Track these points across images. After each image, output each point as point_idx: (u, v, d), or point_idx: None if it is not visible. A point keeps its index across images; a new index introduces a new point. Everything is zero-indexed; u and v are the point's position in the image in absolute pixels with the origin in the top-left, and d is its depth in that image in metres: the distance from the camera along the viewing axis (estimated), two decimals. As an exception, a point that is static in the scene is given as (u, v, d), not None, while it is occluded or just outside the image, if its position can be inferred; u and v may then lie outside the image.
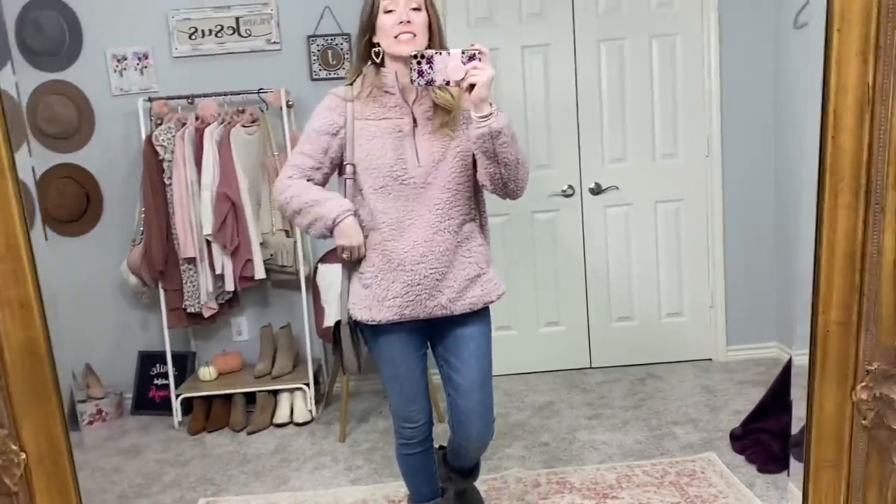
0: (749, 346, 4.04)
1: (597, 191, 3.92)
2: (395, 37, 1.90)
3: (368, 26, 1.96)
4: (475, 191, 2.07)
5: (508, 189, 1.98)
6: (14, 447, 0.94)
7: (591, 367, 4.09)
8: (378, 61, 1.98)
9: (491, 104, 1.84)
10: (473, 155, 1.96)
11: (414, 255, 1.96)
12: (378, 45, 1.96)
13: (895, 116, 0.91)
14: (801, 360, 1.03)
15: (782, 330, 3.96)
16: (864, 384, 1.00)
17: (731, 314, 4.02)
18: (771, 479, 2.74)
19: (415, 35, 1.90)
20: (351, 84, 2.03)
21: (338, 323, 2.12)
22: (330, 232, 1.98)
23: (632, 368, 4.04)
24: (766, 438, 2.89)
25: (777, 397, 2.95)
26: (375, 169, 1.96)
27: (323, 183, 2.05)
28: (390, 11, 1.91)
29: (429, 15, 1.95)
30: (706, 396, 3.59)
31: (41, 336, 0.94)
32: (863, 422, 1.00)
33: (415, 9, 1.92)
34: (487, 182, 1.97)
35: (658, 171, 3.92)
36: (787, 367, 2.93)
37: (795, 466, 1.18)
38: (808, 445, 1.03)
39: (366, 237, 2.01)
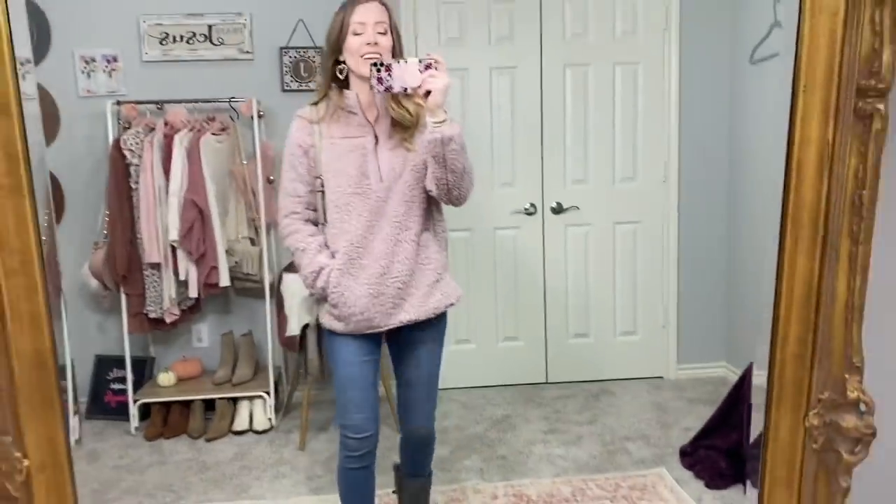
0: (699, 365, 4.19)
1: (558, 210, 4.03)
2: (362, 56, 2.01)
3: (336, 47, 2.08)
4: (429, 202, 2.17)
5: (452, 195, 2.08)
6: (17, 454, 0.97)
7: (547, 382, 4.19)
8: (342, 78, 2.09)
9: (445, 111, 1.95)
10: (426, 168, 2.09)
11: (377, 268, 2.07)
12: (343, 62, 2.07)
13: (850, 172, 1.02)
14: (759, 379, 1.12)
15: (731, 351, 4.12)
16: (815, 411, 1.10)
17: (683, 334, 4.17)
18: (718, 494, 2.87)
19: (380, 56, 2.02)
20: (316, 104, 2.14)
21: (305, 327, 2.22)
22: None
23: (586, 384, 4.15)
24: (713, 455, 3.02)
25: (724, 417, 3.08)
26: (340, 186, 2.07)
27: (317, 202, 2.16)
28: (359, 34, 2.03)
29: (393, 38, 2.08)
30: (657, 413, 3.71)
31: (48, 349, 0.98)
32: (813, 445, 1.10)
33: (381, 32, 2.04)
34: (433, 187, 2.06)
35: (617, 193, 4.05)
36: (735, 389, 3.06)
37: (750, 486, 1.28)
38: (763, 465, 1.12)
39: (332, 255, 2.11)
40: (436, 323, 2.21)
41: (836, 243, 1.03)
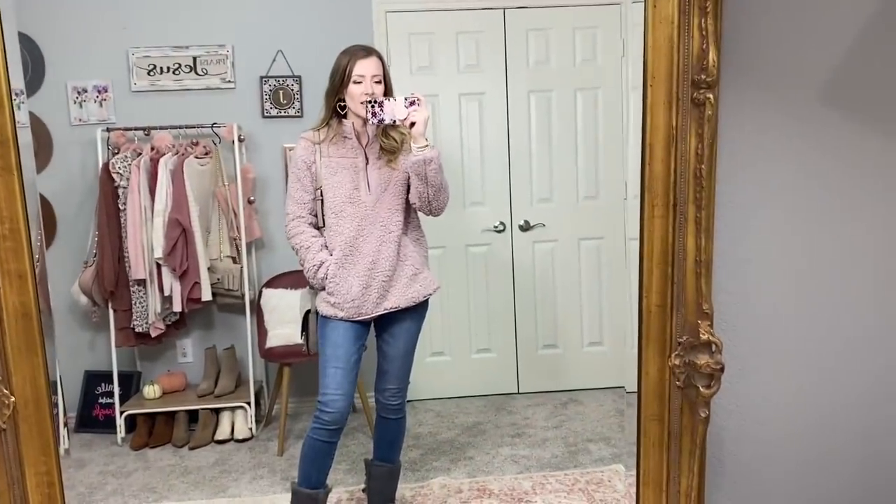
0: (663, 374, 4.36)
1: (526, 227, 4.25)
2: (361, 102, 2.47)
3: (339, 89, 2.54)
4: (408, 212, 2.63)
5: (432, 206, 2.58)
6: (6, 391, 1.17)
7: (518, 393, 4.37)
8: (343, 114, 2.57)
9: (426, 138, 2.46)
10: (408, 185, 2.55)
11: (366, 263, 2.52)
12: (344, 101, 2.55)
13: (691, 150, 1.24)
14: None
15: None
16: (676, 353, 1.30)
17: (647, 344, 4.35)
18: (670, 486, 3.04)
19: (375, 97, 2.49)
20: (318, 130, 2.61)
21: (307, 312, 2.64)
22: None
23: (556, 394, 4.33)
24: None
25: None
26: (336, 196, 2.53)
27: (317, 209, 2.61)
28: (359, 82, 2.50)
29: (385, 85, 2.56)
30: (621, 418, 3.89)
31: (32, 302, 1.18)
32: (677, 383, 1.30)
33: (377, 82, 2.52)
34: (417, 200, 2.55)
35: (581, 211, 4.28)
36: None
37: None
38: (639, 403, 1.32)
39: (330, 253, 2.56)
40: (416, 310, 2.65)
41: (684, 209, 1.25)
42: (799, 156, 1.45)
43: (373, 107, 2.39)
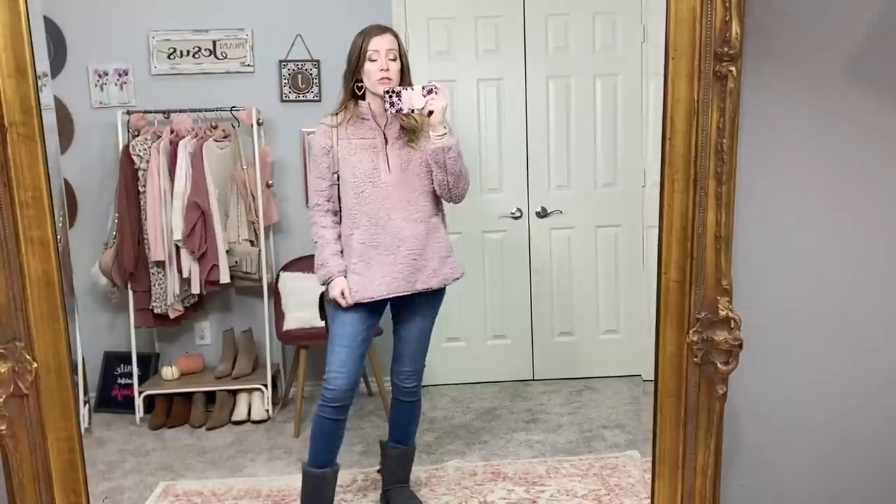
0: (680, 363, 4.35)
1: (543, 214, 4.24)
2: (378, 80, 2.48)
3: (356, 70, 2.55)
4: (435, 193, 2.61)
5: (452, 194, 2.59)
6: (28, 357, 1.19)
7: (533, 380, 4.37)
8: (360, 95, 2.56)
9: (445, 127, 2.46)
10: (430, 167, 2.53)
11: (393, 240, 2.51)
12: (362, 81, 2.54)
13: (713, 123, 1.23)
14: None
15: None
16: (694, 329, 1.29)
17: (664, 333, 4.33)
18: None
19: (391, 80, 2.50)
20: (335, 114, 2.62)
21: (322, 294, 2.64)
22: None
23: (571, 381, 4.32)
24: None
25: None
26: (356, 177, 2.52)
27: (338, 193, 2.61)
28: (374, 60, 2.50)
29: (402, 62, 2.55)
30: (636, 406, 3.88)
31: (54, 269, 1.20)
32: (694, 359, 1.30)
33: (392, 59, 2.51)
34: (437, 187, 2.56)
35: (599, 198, 4.26)
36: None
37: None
38: (656, 379, 1.32)
39: (350, 235, 2.55)
40: (433, 293, 2.65)
41: (705, 184, 1.24)
42: (822, 130, 1.43)
43: (390, 96, 2.39)
